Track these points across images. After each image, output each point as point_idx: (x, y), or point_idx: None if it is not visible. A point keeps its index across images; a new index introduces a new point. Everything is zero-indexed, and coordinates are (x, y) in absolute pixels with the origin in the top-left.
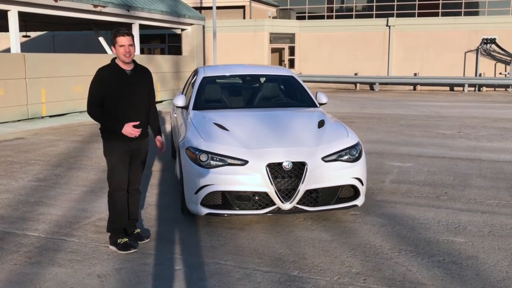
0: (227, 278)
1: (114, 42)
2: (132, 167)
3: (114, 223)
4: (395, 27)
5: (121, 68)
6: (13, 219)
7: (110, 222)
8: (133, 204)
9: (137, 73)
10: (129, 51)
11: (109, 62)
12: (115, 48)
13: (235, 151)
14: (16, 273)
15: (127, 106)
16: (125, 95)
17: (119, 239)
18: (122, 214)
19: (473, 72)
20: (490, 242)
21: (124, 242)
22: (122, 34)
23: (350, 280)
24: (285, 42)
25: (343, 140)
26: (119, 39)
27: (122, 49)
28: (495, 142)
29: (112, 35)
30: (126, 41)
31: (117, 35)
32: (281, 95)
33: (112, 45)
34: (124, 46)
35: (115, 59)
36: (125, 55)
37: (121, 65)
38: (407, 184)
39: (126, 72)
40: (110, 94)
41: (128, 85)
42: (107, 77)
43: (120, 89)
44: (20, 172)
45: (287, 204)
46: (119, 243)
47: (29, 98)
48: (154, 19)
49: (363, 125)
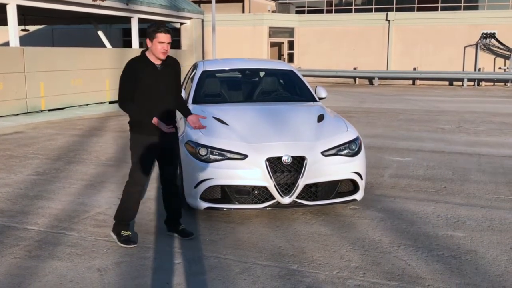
0: (226, 271)
1: (153, 36)
2: (164, 162)
3: (122, 214)
4: (395, 21)
5: (151, 62)
6: (12, 213)
7: (119, 212)
8: (172, 200)
9: (167, 66)
10: (166, 48)
11: (139, 55)
12: (152, 43)
13: (234, 145)
14: (16, 266)
15: (156, 100)
16: (154, 89)
17: (123, 231)
18: (132, 208)
19: (473, 66)
20: (489, 237)
21: (126, 235)
22: (163, 31)
23: (349, 274)
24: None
25: (343, 135)
26: (160, 35)
27: (160, 46)
28: (494, 137)
29: (150, 29)
30: (166, 39)
31: (158, 31)
32: (281, 89)
33: (148, 39)
34: (163, 43)
35: (145, 51)
36: (162, 52)
37: (152, 59)
38: (406, 178)
39: (156, 66)
40: (140, 88)
41: (158, 80)
42: (137, 70)
43: (150, 83)
44: (19, 166)
45: (286, 198)
46: (122, 235)
47: (28, 92)
48: (153, 13)
49: (363, 120)
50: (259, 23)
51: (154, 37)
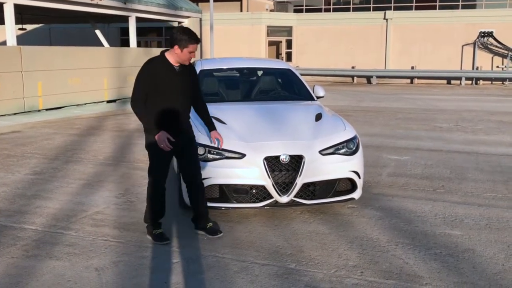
0: (224, 271)
1: (184, 45)
2: (183, 160)
3: (151, 215)
4: (393, 20)
5: (170, 64)
6: (10, 213)
7: (147, 214)
8: (197, 198)
9: (184, 69)
10: (194, 56)
11: (158, 55)
12: (181, 50)
13: (232, 145)
14: (13, 266)
15: (171, 102)
16: (170, 91)
17: (155, 230)
18: (156, 208)
19: (470, 65)
20: (487, 235)
21: (159, 233)
22: (197, 42)
23: (347, 273)
24: (282, 35)
25: (341, 134)
26: (193, 46)
27: (189, 55)
28: (492, 136)
29: (181, 36)
30: (196, 48)
31: (191, 41)
32: (279, 88)
33: (176, 45)
34: (193, 53)
35: (164, 52)
36: (189, 60)
37: (172, 61)
38: (404, 177)
39: (174, 68)
40: (156, 88)
41: (175, 81)
42: (155, 70)
43: (167, 84)
44: (16, 165)
45: (284, 197)
46: (154, 233)
47: (25, 91)
48: (151, 12)
49: (360, 119)
50: (257, 22)
51: (185, 46)
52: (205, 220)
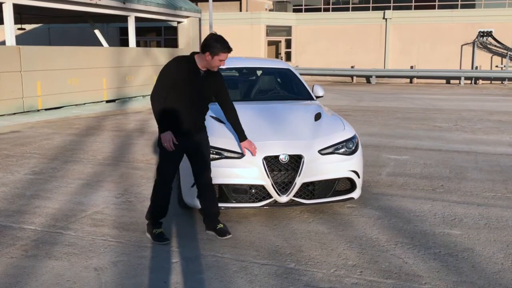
0: (224, 270)
1: (215, 53)
2: (194, 161)
3: (153, 213)
4: (392, 19)
5: (197, 66)
6: (9, 213)
7: (149, 211)
8: (208, 198)
9: (210, 75)
10: (223, 65)
11: (188, 55)
12: (212, 58)
13: (231, 144)
14: (12, 266)
15: (187, 104)
16: (189, 93)
17: (155, 229)
18: (160, 207)
19: (470, 65)
20: (486, 234)
21: (159, 232)
22: (229, 51)
23: (347, 273)
24: (281, 35)
25: (340, 133)
26: (224, 55)
27: (219, 63)
28: (491, 135)
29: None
30: (227, 57)
31: (224, 50)
32: (278, 88)
33: (208, 51)
34: (223, 61)
35: (194, 53)
36: (217, 67)
37: (199, 64)
38: (404, 176)
39: (200, 71)
40: (176, 87)
41: (197, 85)
42: (181, 69)
43: (187, 85)
44: (16, 165)
45: (283, 197)
46: (154, 233)
47: (24, 91)
48: (150, 12)
49: (360, 118)
50: (257, 22)
51: (217, 54)
52: (216, 221)
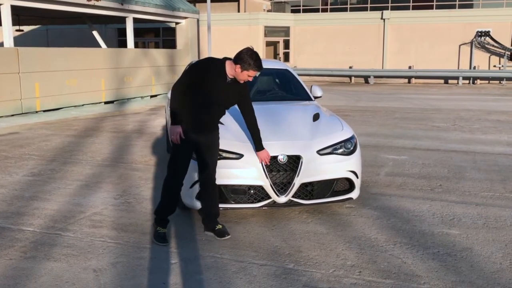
0: (223, 271)
1: (247, 68)
2: (201, 159)
3: (161, 210)
4: (390, 20)
5: (225, 72)
6: (8, 214)
7: (159, 206)
8: (210, 197)
9: (235, 83)
10: (250, 80)
11: (220, 59)
12: (241, 70)
13: (230, 145)
14: (11, 268)
15: (208, 104)
16: (210, 96)
17: (159, 228)
18: (169, 204)
19: (468, 65)
20: (485, 234)
21: (162, 232)
22: (259, 70)
23: (345, 273)
24: (280, 35)
25: (338, 133)
26: (254, 72)
27: (247, 78)
28: (489, 135)
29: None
30: (255, 75)
31: (255, 68)
32: (276, 89)
33: (240, 65)
34: (251, 77)
35: (227, 59)
36: (244, 81)
37: (228, 71)
38: (402, 176)
39: (227, 78)
40: (199, 86)
41: (220, 90)
42: (208, 71)
43: (210, 88)
44: (14, 167)
45: (282, 197)
46: (158, 231)
47: (23, 93)
48: (148, 13)
49: (358, 118)
50: (255, 23)
51: (247, 69)
52: (215, 222)
